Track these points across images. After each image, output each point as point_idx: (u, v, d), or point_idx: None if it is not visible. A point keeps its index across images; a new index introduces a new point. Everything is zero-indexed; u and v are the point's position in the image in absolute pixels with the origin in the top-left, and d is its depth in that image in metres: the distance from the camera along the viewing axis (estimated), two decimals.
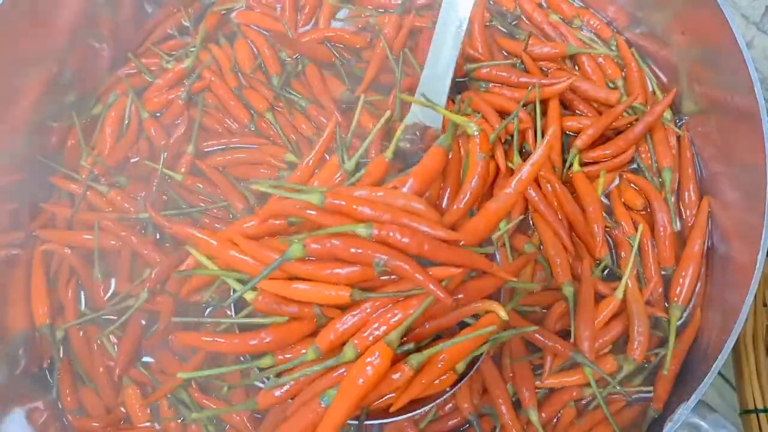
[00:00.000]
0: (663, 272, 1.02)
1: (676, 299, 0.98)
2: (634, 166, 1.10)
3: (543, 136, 1.06)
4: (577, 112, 1.12)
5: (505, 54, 1.18)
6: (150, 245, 1.02)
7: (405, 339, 0.76)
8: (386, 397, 0.76)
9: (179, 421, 0.96)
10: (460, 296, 0.77)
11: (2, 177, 1.02)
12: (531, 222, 1.04)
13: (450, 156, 0.82)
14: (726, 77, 0.97)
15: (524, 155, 1.08)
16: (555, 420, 0.95)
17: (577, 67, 1.17)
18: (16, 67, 1.00)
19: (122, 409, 0.98)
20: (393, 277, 0.75)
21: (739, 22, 1.27)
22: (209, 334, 0.81)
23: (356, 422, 0.76)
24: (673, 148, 1.08)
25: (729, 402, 1.07)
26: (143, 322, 1.01)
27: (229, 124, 1.14)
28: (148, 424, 0.97)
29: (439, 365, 0.75)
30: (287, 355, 0.78)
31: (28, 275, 1.04)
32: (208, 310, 1.01)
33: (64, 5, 1.05)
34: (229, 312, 0.88)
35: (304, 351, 0.76)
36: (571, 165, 1.05)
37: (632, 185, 1.08)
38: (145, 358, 1.00)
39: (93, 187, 1.06)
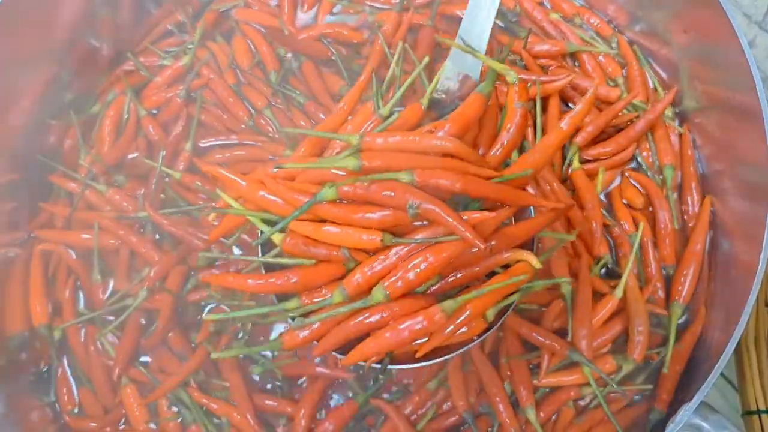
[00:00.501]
0: (664, 271, 1.01)
1: (677, 297, 0.98)
2: (634, 164, 1.09)
3: (543, 132, 1.05)
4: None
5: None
6: (149, 244, 1.02)
7: (436, 288, 0.75)
8: (414, 343, 0.75)
9: (179, 420, 0.96)
10: (492, 243, 0.74)
11: (1, 176, 1.01)
12: None
13: (488, 103, 0.80)
14: (728, 76, 0.96)
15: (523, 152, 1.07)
16: (554, 419, 0.94)
17: (577, 65, 1.17)
18: (16, 66, 0.99)
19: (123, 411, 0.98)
20: (425, 223, 0.73)
21: (741, 21, 1.26)
22: (235, 275, 0.78)
23: (380, 365, 0.75)
24: (674, 145, 1.08)
25: (731, 403, 1.06)
26: (142, 321, 1.00)
27: (227, 120, 1.13)
28: (146, 424, 0.96)
29: (467, 312, 0.73)
30: (315, 299, 0.76)
31: (26, 275, 1.03)
32: (209, 307, 1.01)
33: (64, 5, 1.05)
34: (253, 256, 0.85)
35: (329, 294, 0.74)
36: (570, 162, 1.05)
37: (633, 182, 1.07)
38: (144, 358, 1.00)
39: (92, 185, 1.06)
